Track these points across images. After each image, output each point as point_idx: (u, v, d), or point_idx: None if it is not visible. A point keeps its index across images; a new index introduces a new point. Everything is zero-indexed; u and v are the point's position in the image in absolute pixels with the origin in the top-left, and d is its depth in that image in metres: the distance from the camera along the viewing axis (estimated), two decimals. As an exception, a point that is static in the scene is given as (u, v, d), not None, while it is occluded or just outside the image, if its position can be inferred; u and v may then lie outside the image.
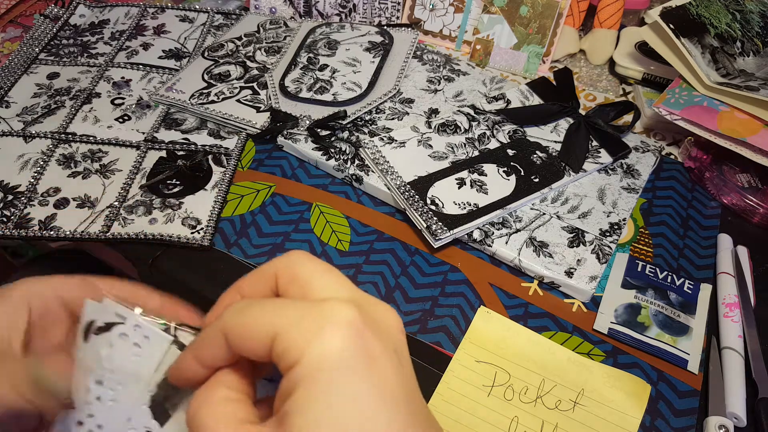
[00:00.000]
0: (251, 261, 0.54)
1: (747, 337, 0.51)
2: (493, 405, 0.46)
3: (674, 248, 0.58)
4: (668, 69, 0.69)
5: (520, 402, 0.46)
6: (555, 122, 0.65)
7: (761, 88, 0.60)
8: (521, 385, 0.47)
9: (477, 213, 0.55)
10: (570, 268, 0.53)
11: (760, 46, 0.68)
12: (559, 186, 0.59)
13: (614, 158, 0.62)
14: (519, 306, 0.52)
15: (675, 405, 0.47)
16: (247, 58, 0.73)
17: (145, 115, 0.66)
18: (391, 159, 0.59)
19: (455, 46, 0.80)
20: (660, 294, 0.53)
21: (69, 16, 0.80)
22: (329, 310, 0.22)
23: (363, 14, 0.79)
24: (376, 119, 0.65)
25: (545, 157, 0.61)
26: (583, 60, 0.80)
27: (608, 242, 0.55)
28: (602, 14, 0.77)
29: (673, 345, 0.49)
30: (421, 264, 0.55)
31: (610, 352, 0.50)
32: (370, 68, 0.69)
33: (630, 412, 0.46)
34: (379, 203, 0.60)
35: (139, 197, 0.58)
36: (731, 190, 0.62)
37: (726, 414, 0.46)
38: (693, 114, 0.61)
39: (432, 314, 0.51)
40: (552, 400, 0.46)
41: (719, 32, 0.66)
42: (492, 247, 0.54)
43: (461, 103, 0.68)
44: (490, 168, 0.59)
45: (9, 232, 0.55)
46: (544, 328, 0.51)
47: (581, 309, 0.53)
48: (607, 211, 0.58)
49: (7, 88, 0.69)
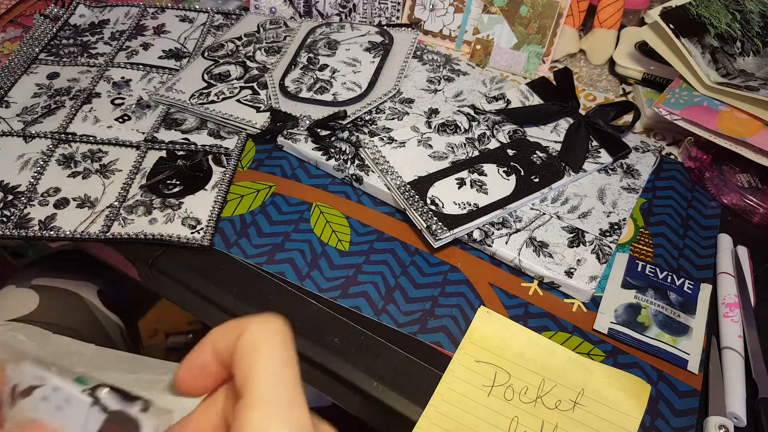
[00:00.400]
0: (251, 261, 0.54)
1: (747, 337, 0.51)
2: (493, 405, 0.46)
3: (674, 248, 0.58)
4: (668, 69, 0.69)
5: (520, 402, 0.46)
6: (555, 122, 0.65)
7: (761, 88, 0.60)
8: (521, 385, 0.47)
9: (477, 213, 0.55)
10: (570, 268, 0.53)
11: (760, 46, 0.68)
12: (559, 186, 0.59)
13: (614, 158, 0.62)
14: (519, 306, 0.52)
15: (675, 405, 0.47)
16: (247, 58, 0.73)
17: (145, 115, 0.66)
18: (391, 159, 0.59)
19: (455, 46, 0.80)
20: (660, 294, 0.53)
21: (69, 16, 0.80)
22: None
23: (363, 14, 0.79)
24: (376, 119, 0.65)
25: (545, 157, 0.61)
26: (583, 60, 0.80)
27: (608, 242, 0.55)
28: (602, 14, 0.77)
29: (673, 345, 0.49)
30: (421, 264, 0.55)
31: (610, 352, 0.50)
32: (370, 68, 0.69)
33: (630, 412, 0.46)
34: (379, 203, 0.60)
35: (139, 197, 0.58)
36: (731, 190, 0.62)
37: (726, 414, 0.46)
38: (693, 114, 0.61)
39: (432, 314, 0.51)
40: (552, 400, 0.46)
41: (719, 32, 0.66)
42: (492, 247, 0.54)
43: (461, 103, 0.68)
44: (490, 168, 0.59)
45: (9, 232, 0.55)
46: (544, 328, 0.51)
47: (581, 309, 0.53)
48: (607, 211, 0.58)
49: (7, 88, 0.69)
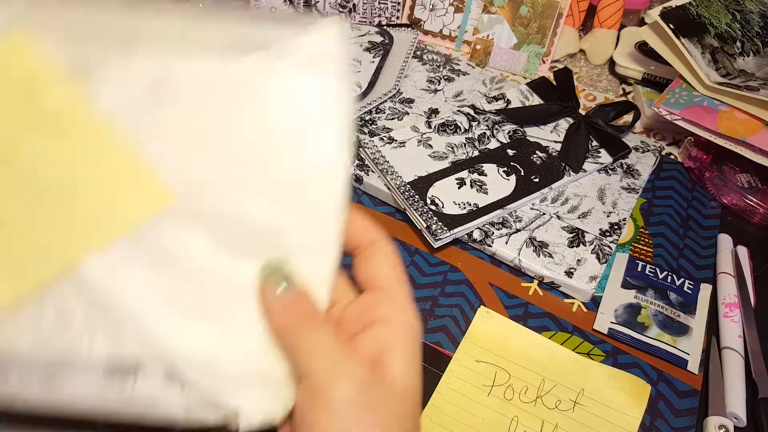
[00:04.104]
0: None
1: (747, 337, 0.51)
2: (493, 405, 0.46)
3: (674, 248, 0.58)
4: (668, 69, 0.69)
5: (520, 402, 0.46)
6: (555, 122, 0.65)
7: (761, 88, 0.60)
8: (521, 384, 0.47)
9: (477, 213, 0.55)
10: (570, 268, 0.53)
11: (760, 46, 0.68)
12: (559, 186, 0.59)
13: (614, 158, 0.62)
14: (519, 306, 0.52)
15: (675, 405, 0.47)
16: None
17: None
18: (391, 159, 0.59)
19: (455, 46, 0.80)
20: (660, 294, 0.53)
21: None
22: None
23: (363, 14, 0.79)
24: (376, 119, 0.65)
25: (545, 157, 0.61)
26: (583, 60, 0.80)
27: (608, 242, 0.55)
28: (602, 14, 0.77)
29: (673, 345, 0.49)
30: (421, 264, 0.55)
31: (610, 352, 0.50)
32: (370, 68, 0.69)
33: (630, 412, 0.46)
34: (379, 203, 0.60)
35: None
36: (731, 190, 0.62)
37: (726, 414, 0.46)
38: (693, 114, 0.61)
39: (432, 314, 0.51)
40: (552, 400, 0.46)
41: (719, 32, 0.66)
42: (492, 247, 0.54)
43: (461, 103, 0.68)
44: (490, 168, 0.59)
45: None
46: (544, 328, 0.51)
47: (581, 309, 0.53)
48: (607, 211, 0.58)
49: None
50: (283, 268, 0.26)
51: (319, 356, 0.24)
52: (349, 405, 0.23)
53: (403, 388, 0.25)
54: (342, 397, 0.23)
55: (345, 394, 0.23)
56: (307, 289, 0.26)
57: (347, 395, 0.23)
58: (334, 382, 0.23)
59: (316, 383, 0.24)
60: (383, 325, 0.27)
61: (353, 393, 0.23)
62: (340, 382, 0.23)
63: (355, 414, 0.23)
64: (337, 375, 0.24)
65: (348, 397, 0.23)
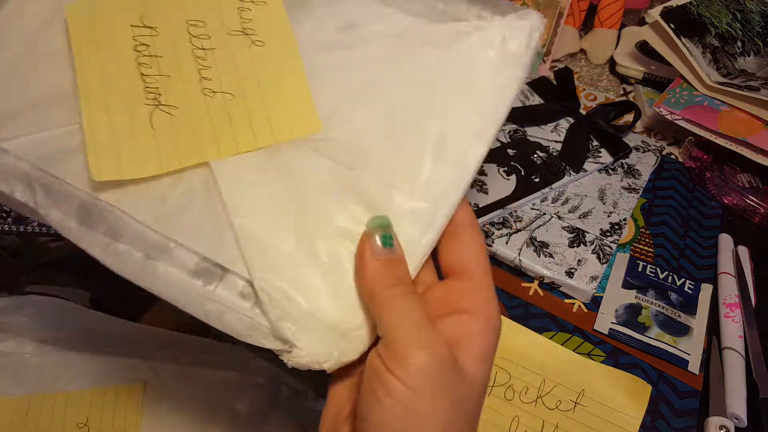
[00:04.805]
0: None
1: (748, 338, 0.50)
2: (493, 405, 0.46)
3: (675, 248, 0.57)
4: (669, 69, 0.69)
5: (521, 402, 0.46)
6: (555, 122, 0.65)
7: (762, 88, 0.60)
8: (521, 385, 0.47)
9: (477, 213, 0.55)
10: (570, 268, 0.53)
11: (761, 45, 0.68)
12: (559, 186, 0.59)
13: (615, 158, 0.61)
14: (519, 306, 0.52)
15: (675, 405, 0.47)
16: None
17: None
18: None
19: (455, 45, 0.79)
20: (660, 294, 0.53)
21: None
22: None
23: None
24: (377, 119, 0.65)
25: (545, 156, 0.61)
26: (584, 60, 0.80)
27: (609, 242, 0.55)
28: (603, 14, 0.77)
29: (673, 345, 0.49)
30: (421, 264, 0.55)
31: (610, 353, 0.49)
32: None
33: (630, 412, 0.46)
34: (379, 203, 0.60)
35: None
36: (732, 190, 0.62)
37: (726, 414, 0.46)
38: (693, 114, 0.61)
39: (432, 314, 0.51)
40: (552, 400, 0.46)
41: (720, 32, 0.66)
42: (492, 247, 0.54)
43: (461, 103, 0.68)
44: (491, 168, 0.59)
45: (8, 227, 0.55)
46: (544, 329, 0.51)
47: (582, 309, 0.53)
48: (607, 211, 0.58)
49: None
50: (389, 228, 0.27)
51: (406, 322, 0.24)
52: (426, 377, 0.23)
53: (476, 379, 0.25)
54: (421, 366, 0.23)
55: (424, 364, 0.23)
56: (403, 255, 0.27)
57: (426, 366, 0.23)
58: (417, 349, 0.24)
59: (398, 347, 0.24)
60: (467, 314, 0.27)
61: (432, 366, 0.23)
62: (423, 351, 0.24)
63: (430, 388, 0.23)
64: (421, 344, 0.24)
65: (426, 368, 0.23)
